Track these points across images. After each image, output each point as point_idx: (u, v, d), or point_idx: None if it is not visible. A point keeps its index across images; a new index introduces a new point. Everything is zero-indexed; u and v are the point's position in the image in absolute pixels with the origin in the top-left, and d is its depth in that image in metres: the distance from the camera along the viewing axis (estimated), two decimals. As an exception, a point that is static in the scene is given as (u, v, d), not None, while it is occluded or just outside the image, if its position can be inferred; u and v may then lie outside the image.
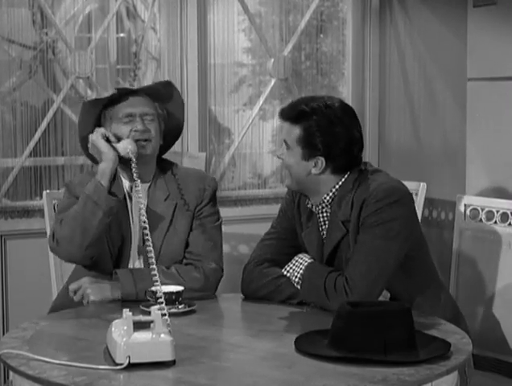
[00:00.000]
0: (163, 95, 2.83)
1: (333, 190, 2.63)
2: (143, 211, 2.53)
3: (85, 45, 3.88)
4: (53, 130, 3.80)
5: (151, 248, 2.42)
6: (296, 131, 2.62)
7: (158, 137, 2.79)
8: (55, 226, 2.72)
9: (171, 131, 2.89)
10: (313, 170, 2.62)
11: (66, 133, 3.82)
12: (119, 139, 2.73)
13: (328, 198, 2.64)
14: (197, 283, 2.71)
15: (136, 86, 3.97)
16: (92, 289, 2.67)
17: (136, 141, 2.72)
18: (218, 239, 2.82)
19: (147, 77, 4.05)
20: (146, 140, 2.74)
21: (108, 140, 2.71)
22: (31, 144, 3.74)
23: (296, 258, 2.66)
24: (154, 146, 2.77)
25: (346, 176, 2.63)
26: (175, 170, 2.84)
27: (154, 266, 2.38)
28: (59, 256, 2.79)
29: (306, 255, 2.67)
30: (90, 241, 2.66)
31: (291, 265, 2.65)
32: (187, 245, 2.79)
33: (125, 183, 2.79)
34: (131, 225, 2.76)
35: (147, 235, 2.45)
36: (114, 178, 2.72)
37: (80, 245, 2.65)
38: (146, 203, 2.75)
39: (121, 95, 2.77)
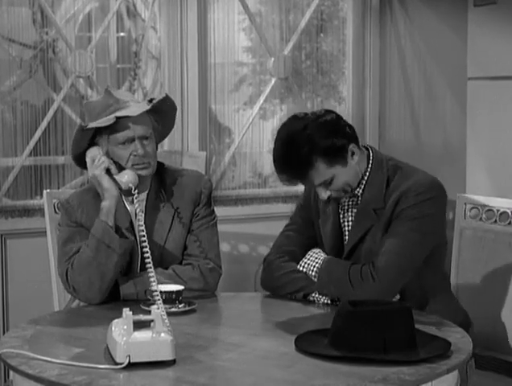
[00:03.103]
0: (160, 108, 2.75)
1: (361, 179, 2.63)
2: (145, 244, 2.47)
3: (85, 44, 3.88)
4: (53, 129, 3.80)
5: (148, 254, 2.43)
6: (319, 167, 2.53)
7: (156, 155, 2.74)
8: (64, 265, 2.67)
9: (161, 134, 2.85)
10: (355, 159, 2.59)
11: (66, 133, 3.82)
12: (119, 166, 2.68)
13: (356, 187, 2.63)
14: (196, 283, 2.71)
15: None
16: None
17: (136, 164, 2.69)
18: (215, 238, 2.82)
19: (148, 76, 4.05)
20: (145, 163, 2.70)
21: (108, 171, 2.66)
22: (32, 143, 3.74)
23: (311, 253, 2.68)
24: (153, 167, 2.73)
25: (370, 164, 2.63)
26: (170, 174, 2.81)
27: (151, 267, 2.40)
28: (77, 298, 2.75)
29: (320, 250, 2.68)
30: (109, 284, 2.65)
31: (306, 261, 2.67)
32: (185, 247, 2.79)
33: (126, 200, 2.77)
34: (137, 239, 2.75)
35: (147, 253, 2.44)
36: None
37: (99, 290, 2.64)
38: (144, 210, 2.75)
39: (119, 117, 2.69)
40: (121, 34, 4.02)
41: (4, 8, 3.69)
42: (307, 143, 2.52)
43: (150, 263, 2.42)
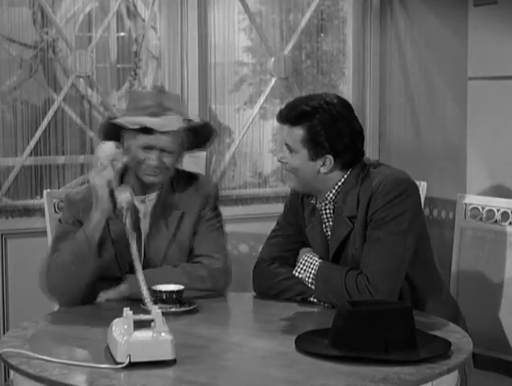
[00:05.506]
0: (198, 129, 2.76)
1: (336, 187, 2.63)
2: (139, 269, 2.39)
3: (86, 44, 3.88)
4: (54, 129, 3.80)
5: (137, 256, 2.40)
6: (299, 132, 2.59)
7: (173, 168, 2.74)
8: (49, 260, 2.68)
9: (190, 149, 2.85)
10: (322, 170, 2.61)
11: (66, 132, 3.82)
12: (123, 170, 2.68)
13: (331, 195, 2.64)
14: (204, 283, 2.71)
15: (138, 84, 3.97)
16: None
17: (145, 171, 2.69)
18: (222, 239, 2.83)
19: (148, 76, 4.05)
20: (155, 172, 2.70)
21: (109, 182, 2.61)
22: (32, 143, 3.74)
23: (306, 258, 2.67)
24: (164, 177, 2.73)
25: (349, 172, 2.63)
26: (180, 177, 2.82)
27: (141, 274, 2.34)
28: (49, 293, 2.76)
29: (313, 253, 2.68)
30: (79, 291, 2.65)
31: (301, 266, 2.66)
32: (191, 250, 2.79)
33: (135, 200, 2.78)
34: (141, 238, 2.75)
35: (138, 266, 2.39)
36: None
37: (67, 293, 2.65)
38: (152, 211, 2.76)
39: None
40: (122, 34, 4.02)
41: (4, 8, 3.69)
42: (321, 110, 2.58)
43: (140, 272, 2.36)
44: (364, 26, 4.33)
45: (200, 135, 2.79)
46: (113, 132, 2.73)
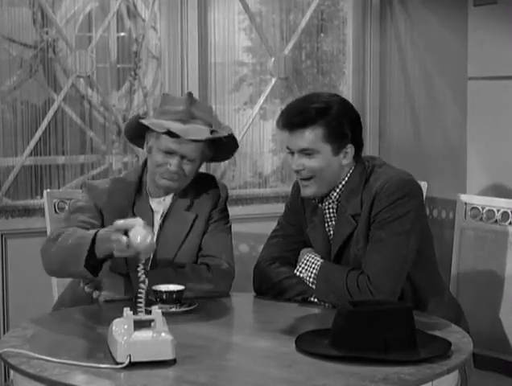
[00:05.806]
0: (221, 140, 2.75)
1: (340, 186, 2.63)
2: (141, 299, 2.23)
3: (86, 44, 3.88)
4: (54, 129, 3.80)
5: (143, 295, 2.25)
6: (318, 131, 2.57)
7: (191, 176, 2.75)
8: (59, 230, 2.61)
9: (212, 159, 2.87)
10: (344, 161, 2.61)
11: (66, 132, 3.82)
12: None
13: (335, 194, 2.63)
14: (210, 284, 2.72)
15: (138, 85, 3.97)
16: (106, 284, 2.65)
17: (162, 175, 2.70)
18: (228, 241, 2.84)
19: (148, 76, 4.05)
20: (172, 177, 2.71)
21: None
22: (32, 143, 3.74)
23: (307, 257, 2.67)
24: (181, 184, 2.75)
25: (352, 169, 2.63)
26: (194, 180, 2.81)
27: (143, 293, 2.20)
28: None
29: (314, 253, 2.68)
30: (65, 276, 2.67)
31: (303, 265, 2.66)
32: (199, 249, 2.80)
33: (152, 201, 2.79)
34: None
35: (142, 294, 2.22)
36: (140, 189, 2.76)
37: (55, 269, 2.61)
38: (166, 212, 2.77)
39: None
40: (122, 34, 4.02)
41: (4, 8, 3.69)
42: (332, 103, 2.59)
43: (141, 299, 2.21)
44: (364, 26, 4.33)
45: (223, 147, 2.80)
46: (138, 131, 2.75)
